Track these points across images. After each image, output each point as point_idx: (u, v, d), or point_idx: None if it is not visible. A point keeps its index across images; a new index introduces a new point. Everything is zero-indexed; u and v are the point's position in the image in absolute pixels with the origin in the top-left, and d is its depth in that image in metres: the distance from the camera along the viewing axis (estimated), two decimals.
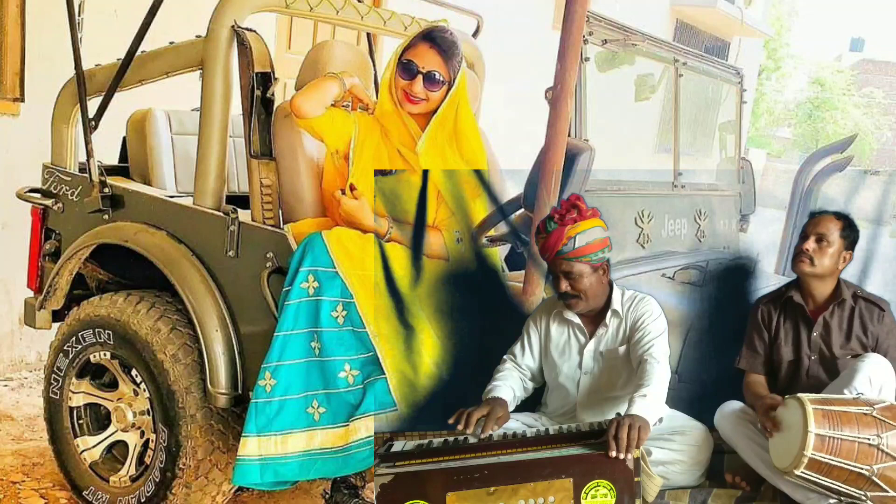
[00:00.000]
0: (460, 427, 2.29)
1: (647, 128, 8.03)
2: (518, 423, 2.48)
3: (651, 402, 2.25)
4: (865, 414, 2.25)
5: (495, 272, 2.74)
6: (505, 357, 2.60)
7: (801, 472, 2.24)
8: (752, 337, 2.70)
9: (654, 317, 2.50)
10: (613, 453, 2.09)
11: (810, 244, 2.60)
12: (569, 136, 2.50)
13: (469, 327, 2.55)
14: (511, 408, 2.46)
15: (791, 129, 32.30)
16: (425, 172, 2.56)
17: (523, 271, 2.66)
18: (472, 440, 2.27)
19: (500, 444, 2.24)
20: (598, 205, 2.58)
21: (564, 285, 2.47)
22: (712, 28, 13.21)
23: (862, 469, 2.22)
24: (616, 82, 3.49)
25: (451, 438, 2.30)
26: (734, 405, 2.58)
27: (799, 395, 2.33)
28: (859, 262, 3.27)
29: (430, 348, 2.46)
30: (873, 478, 2.22)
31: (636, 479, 2.08)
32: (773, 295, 2.73)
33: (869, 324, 2.61)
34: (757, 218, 4.04)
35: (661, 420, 2.29)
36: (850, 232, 2.64)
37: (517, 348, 2.61)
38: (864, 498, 2.26)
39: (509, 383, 2.51)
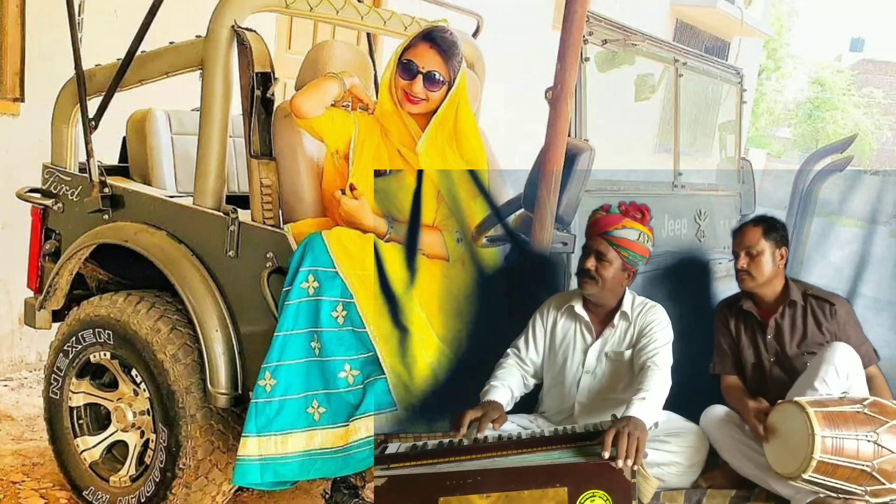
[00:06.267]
0: (453, 431, 2.29)
1: (647, 128, 8.00)
2: (513, 426, 2.47)
3: (649, 405, 2.25)
4: (858, 412, 2.31)
5: (495, 272, 2.74)
6: (508, 351, 2.61)
7: (809, 476, 2.26)
8: (719, 342, 2.75)
9: (662, 325, 2.52)
10: (608, 456, 2.08)
11: (743, 261, 2.65)
12: (569, 136, 2.49)
13: (468, 328, 2.54)
14: (508, 408, 2.46)
15: (791, 129, 32.29)
16: (420, 173, 2.56)
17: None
18: (465, 442, 2.26)
19: (494, 446, 2.22)
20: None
21: (591, 263, 2.50)
22: (712, 28, 13.20)
23: (864, 466, 2.26)
24: (616, 82, 3.49)
25: (445, 440, 2.29)
26: (718, 409, 2.61)
27: (795, 399, 2.36)
28: (859, 262, 3.28)
29: (428, 349, 2.45)
30: (873, 473, 2.27)
31: (632, 481, 2.07)
32: (730, 300, 2.78)
33: (823, 321, 2.64)
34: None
35: (656, 425, 2.29)
36: (774, 232, 2.66)
37: (521, 342, 2.62)
38: (863, 492, 2.30)
39: (507, 383, 2.51)
